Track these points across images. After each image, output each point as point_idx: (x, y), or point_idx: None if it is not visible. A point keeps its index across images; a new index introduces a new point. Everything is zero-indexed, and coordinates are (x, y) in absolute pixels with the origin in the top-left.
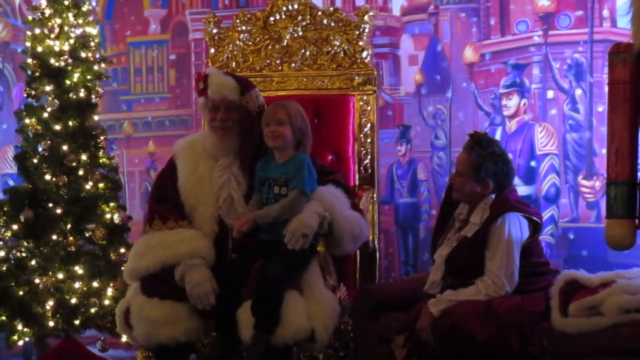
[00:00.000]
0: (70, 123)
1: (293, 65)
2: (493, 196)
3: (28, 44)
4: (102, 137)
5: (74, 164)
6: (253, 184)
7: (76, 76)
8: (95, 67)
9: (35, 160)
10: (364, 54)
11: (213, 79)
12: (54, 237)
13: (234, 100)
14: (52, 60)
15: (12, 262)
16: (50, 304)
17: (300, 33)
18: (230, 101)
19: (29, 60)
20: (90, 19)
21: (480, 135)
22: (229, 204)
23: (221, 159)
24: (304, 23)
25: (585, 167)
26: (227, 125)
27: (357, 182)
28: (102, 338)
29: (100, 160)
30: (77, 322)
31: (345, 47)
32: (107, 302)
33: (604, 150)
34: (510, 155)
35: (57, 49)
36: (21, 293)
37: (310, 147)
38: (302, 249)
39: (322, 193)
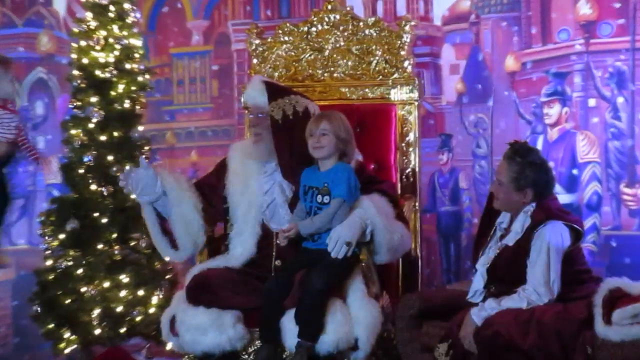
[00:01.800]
0: (115, 133)
1: (335, 75)
2: (534, 205)
3: (74, 55)
4: (146, 148)
5: (119, 174)
6: (298, 192)
7: (121, 87)
8: (140, 78)
9: (81, 171)
10: (405, 63)
11: (248, 85)
12: (100, 246)
13: (259, 106)
14: (98, 72)
15: (59, 271)
16: (96, 312)
17: (342, 43)
18: (259, 109)
19: (75, 72)
20: (135, 30)
21: (520, 144)
22: (273, 210)
23: (266, 165)
24: (345, 33)
25: (628, 175)
26: (257, 132)
27: (399, 191)
28: (148, 346)
29: None
30: (122, 330)
31: (387, 57)
32: (152, 310)
33: None
34: (551, 164)
35: (102, 60)
36: (68, 302)
37: (354, 157)
38: (345, 258)
39: (366, 202)
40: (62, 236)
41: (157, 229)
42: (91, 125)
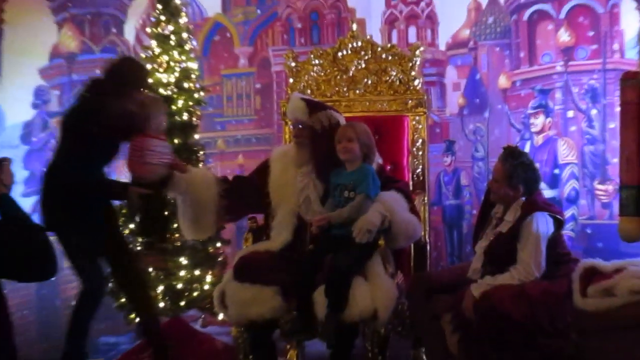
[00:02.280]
0: (176, 141)
1: (357, 91)
2: (524, 198)
3: None
4: (201, 152)
5: None
6: (328, 189)
7: (180, 102)
8: (196, 95)
9: None
10: (416, 82)
11: (290, 103)
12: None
13: (304, 120)
14: (161, 90)
15: None
16: (160, 288)
17: (363, 65)
18: (300, 121)
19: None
20: (192, 55)
21: (512, 148)
22: (307, 203)
23: (303, 167)
24: (366, 57)
25: (600, 174)
26: (300, 140)
27: (411, 188)
28: (203, 316)
29: None
30: (182, 303)
31: (400, 77)
32: (206, 287)
33: (616, 160)
34: (537, 165)
35: (165, 80)
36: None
37: (375, 159)
38: (367, 243)
39: (385, 197)
40: (131, 226)
41: (181, 214)
42: None
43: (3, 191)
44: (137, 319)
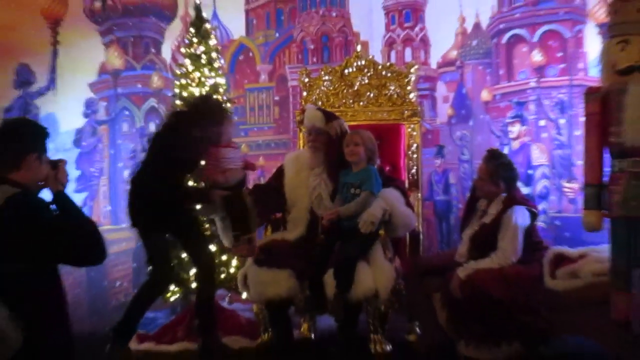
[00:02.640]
0: None
1: (361, 103)
2: (505, 194)
3: (176, 90)
4: None
5: None
6: (337, 187)
7: None
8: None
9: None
10: (411, 95)
11: (307, 112)
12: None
13: (321, 127)
14: None
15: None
16: (192, 271)
17: (366, 81)
18: (318, 128)
19: (177, 102)
20: (220, 72)
21: (495, 150)
22: (319, 200)
23: (315, 168)
24: (368, 74)
25: (567, 174)
26: (316, 145)
27: (406, 185)
28: (229, 295)
29: None
30: None
31: (398, 91)
32: (232, 270)
33: (580, 162)
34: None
35: (197, 93)
36: (172, 264)
37: (377, 161)
38: (370, 233)
39: (386, 194)
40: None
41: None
42: None
43: (59, 188)
44: (197, 298)
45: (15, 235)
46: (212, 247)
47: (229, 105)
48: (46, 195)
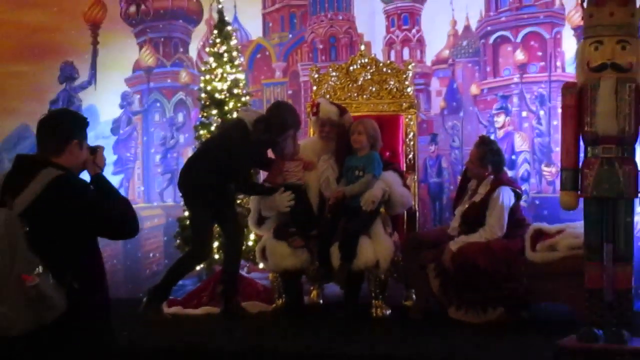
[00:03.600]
0: None
1: (364, 97)
2: (492, 177)
3: (201, 85)
4: None
5: None
6: (342, 171)
7: (231, 104)
8: (243, 99)
9: None
10: (408, 89)
11: (323, 106)
12: None
13: (336, 120)
14: (216, 95)
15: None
16: (215, 244)
17: (369, 76)
18: (332, 121)
19: (202, 95)
20: (240, 69)
21: (485, 137)
22: (327, 183)
23: (323, 155)
24: (371, 70)
25: (546, 159)
26: (330, 136)
27: (404, 169)
28: (247, 265)
29: None
30: None
31: (397, 85)
32: (250, 243)
33: (558, 149)
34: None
35: (219, 87)
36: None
37: (380, 148)
38: (372, 210)
39: (385, 176)
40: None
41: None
42: (212, 128)
43: (97, 171)
44: (226, 269)
45: (59, 211)
46: None
47: (247, 98)
48: (86, 177)
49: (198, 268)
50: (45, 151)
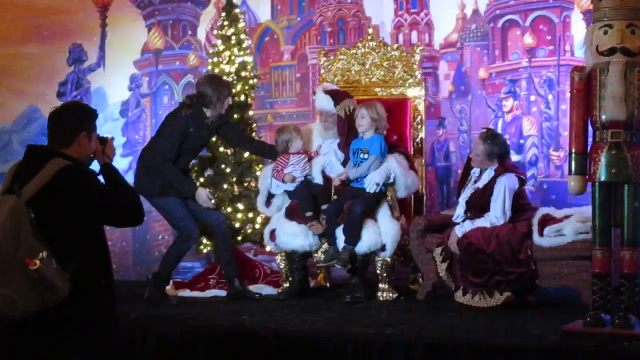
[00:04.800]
0: (236, 116)
1: (373, 80)
2: (497, 164)
3: (210, 67)
4: (254, 125)
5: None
6: (348, 155)
7: (239, 87)
8: (251, 82)
9: (214, 139)
10: (417, 73)
11: (317, 96)
12: (225, 186)
13: (330, 111)
14: (225, 77)
15: None
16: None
17: (377, 60)
18: (327, 111)
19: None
20: (248, 52)
21: (492, 131)
22: (331, 165)
23: (327, 140)
24: (379, 54)
25: (554, 143)
26: (327, 125)
27: (412, 153)
28: (255, 248)
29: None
30: (239, 238)
31: (405, 69)
32: (257, 226)
33: (566, 133)
34: (506, 137)
35: (227, 70)
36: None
37: (385, 130)
38: (375, 193)
39: (391, 158)
40: (202, 180)
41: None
42: None
43: (106, 161)
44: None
45: (65, 199)
46: (240, 206)
47: (255, 81)
48: (96, 167)
49: (206, 251)
50: (55, 142)
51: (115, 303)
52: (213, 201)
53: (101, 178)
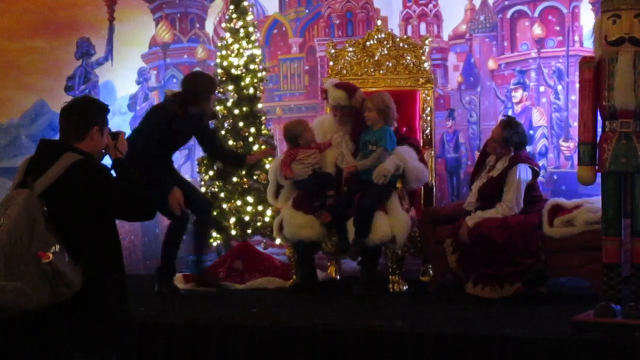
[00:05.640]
0: (244, 109)
1: (381, 72)
2: (512, 153)
3: (218, 60)
4: (263, 118)
5: (247, 134)
6: (358, 146)
7: (248, 80)
8: (259, 74)
9: (223, 132)
10: (425, 64)
11: (330, 92)
12: (235, 179)
13: (345, 104)
14: (233, 70)
15: (209, 194)
16: (232, 220)
17: (386, 52)
18: (342, 105)
19: (219, 70)
20: (256, 44)
21: (512, 119)
22: (341, 157)
23: (337, 132)
24: (388, 45)
25: (564, 134)
26: (342, 120)
27: (421, 144)
28: (265, 241)
29: (263, 132)
30: (249, 231)
31: (414, 61)
32: (267, 219)
33: (576, 124)
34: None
35: (235, 63)
36: (215, 213)
37: (394, 122)
38: (384, 184)
39: (400, 150)
40: (211, 172)
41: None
42: (229, 104)
43: (118, 156)
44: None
45: (77, 193)
46: (250, 198)
47: (264, 73)
48: (107, 161)
49: (215, 244)
50: (67, 137)
51: (126, 296)
52: (181, 209)
53: (113, 173)
